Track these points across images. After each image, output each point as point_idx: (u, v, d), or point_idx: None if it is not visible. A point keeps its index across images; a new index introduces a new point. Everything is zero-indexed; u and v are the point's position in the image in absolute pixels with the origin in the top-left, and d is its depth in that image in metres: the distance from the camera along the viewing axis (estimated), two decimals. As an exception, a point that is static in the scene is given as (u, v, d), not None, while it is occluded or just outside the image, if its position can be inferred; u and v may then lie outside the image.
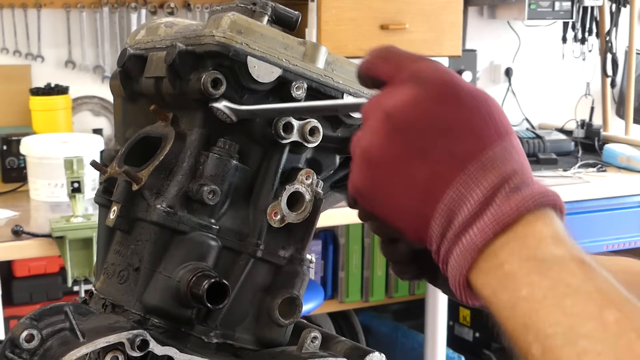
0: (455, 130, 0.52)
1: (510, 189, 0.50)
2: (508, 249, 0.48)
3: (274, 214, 0.69)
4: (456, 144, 0.51)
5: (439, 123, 0.52)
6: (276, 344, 0.72)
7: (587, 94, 3.75)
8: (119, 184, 0.71)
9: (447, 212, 0.51)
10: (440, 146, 0.52)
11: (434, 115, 0.52)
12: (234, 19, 0.68)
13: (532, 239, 0.48)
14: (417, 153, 0.52)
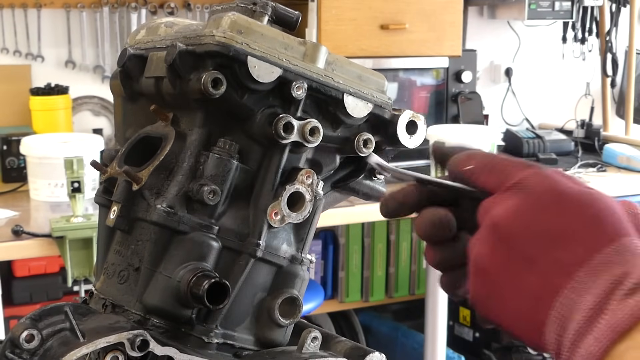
0: (559, 238, 0.52)
1: (624, 293, 0.48)
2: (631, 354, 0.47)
3: (274, 214, 0.69)
4: (562, 252, 0.51)
5: (542, 232, 0.53)
6: (276, 344, 0.72)
7: (587, 94, 3.75)
8: (119, 184, 0.71)
9: (560, 320, 0.51)
10: (546, 255, 0.52)
11: (537, 224, 0.53)
12: (234, 18, 0.68)
13: None
14: (523, 263, 0.53)
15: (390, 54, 2.90)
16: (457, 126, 3.05)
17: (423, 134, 0.76)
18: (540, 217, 0.53)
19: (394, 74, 3.04)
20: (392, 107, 0.76)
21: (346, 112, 0.72)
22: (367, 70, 0.75)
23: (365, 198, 0.79)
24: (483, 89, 3.47)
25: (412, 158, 2.84)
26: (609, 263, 0.50)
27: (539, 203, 0.54)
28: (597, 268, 0.50)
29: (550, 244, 0.52)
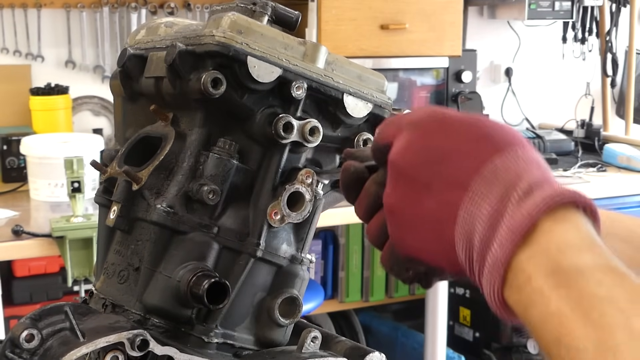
0: (448, 157, 0.53)
1: (519, 196, 0.49)
2: (533, 262, 0.47)
3: (274, 213, 0.69)
4: (452, 169, 0.52)
5: (432, 156, 0.53)
6: (276, 344, 0.72)
7: (587, 94, 3.75)
8: (119, 184, 0.71)
9: (465, 234, 0.51)
10: (439, 176, 0.53)
11: (426, 151, 0.54)
12: (234, 19, 0.68)
13: (555, 250, 0.47)
14: (422, 189, 0.53)
15: (390, 54, 2.90)
16: (457, 126, 3.04)
17: (423, 134, 0.76)
18: (428, 143, 0.54)
19: (394, 74, 3.04)
20: (392, 107, 0.76)
21: (346, 112, 0.72)
22: (367, 70, 0.75)
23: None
24: (483, 89, 3.46)
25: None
26: (500, 170, 0.50)
27: (425, 132, 0.54)
28: (489, 177, 0.50)
29: (440, 165, 0.53)
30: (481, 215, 0.50)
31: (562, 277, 0.46)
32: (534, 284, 0.47)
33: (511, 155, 0.51)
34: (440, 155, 0.53)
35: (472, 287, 3.08)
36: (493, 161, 0.51)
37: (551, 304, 0.45)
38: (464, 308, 3.15)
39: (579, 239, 0.47)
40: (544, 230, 0.48)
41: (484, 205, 0.50)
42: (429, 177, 0.53)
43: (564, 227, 0.48)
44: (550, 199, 0.48)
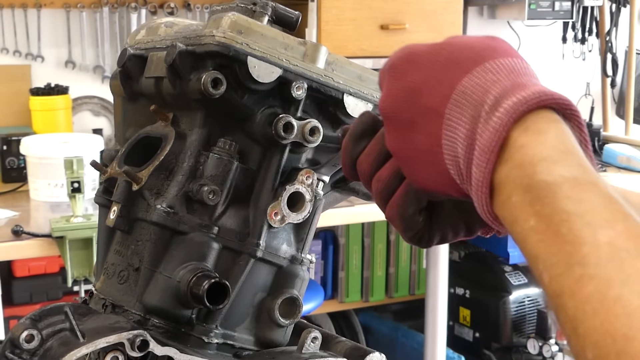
0: (421, 90, 0.54)
1: (486, 112, 0.49)
2: (511, 179, 0.48)
3: (274, 214, 0.69)
4: (428, 100, 0.53)
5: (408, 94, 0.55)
6: (276, 344, 0.72)
7: (587, 94, 3.75)
8: (119, 184, 0.71)
9: (452, 160, 0.52)
10: (418, 110, 0.54)
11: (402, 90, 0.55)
12: (234, 19, 0.68)
13: (528, 164, 0.47)
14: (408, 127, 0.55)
15: (390, 54, 2.90)
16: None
17: (423, 134, 0.76)
18: (402, 83, 0.55)
19: (394, 74, 3.04)
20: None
21: (346, 112, 0.72)
22: (367, 70, 0.75)
23: (365, 198, 0.79)
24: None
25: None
26: (468, 90, 0.51)
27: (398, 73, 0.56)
28: (459, 100, 0.51)
29: (416, 99, 0.54)
30: (459, 139, 0.51)
31: (535, 193, 0.46)
32: (513, 200, 0.47)
33: (479, 72, 0.51)
34: (414, 91, 0.54)
35: (472, 288, 3.08)
36: (461, 83, 0.51)
37: (530, 219, 0.46)
38: (463, 308, 3.15)
39: (551, 150, 0.47)
40: (517, 144, 0.48)
41: (460, 129, 0.51)
42: (410, 114, 0.54)
43: (535, 138, 0.48)
44: (516, 108, 0.48)
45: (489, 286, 3.00)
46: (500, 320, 2.98)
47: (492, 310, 2.99)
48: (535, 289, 3.01)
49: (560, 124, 0.48)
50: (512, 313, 2.97)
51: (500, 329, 2.98)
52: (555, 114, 0.49)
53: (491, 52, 0.53)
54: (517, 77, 0.51)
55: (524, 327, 2.99)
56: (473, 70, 0.52)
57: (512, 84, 0.50)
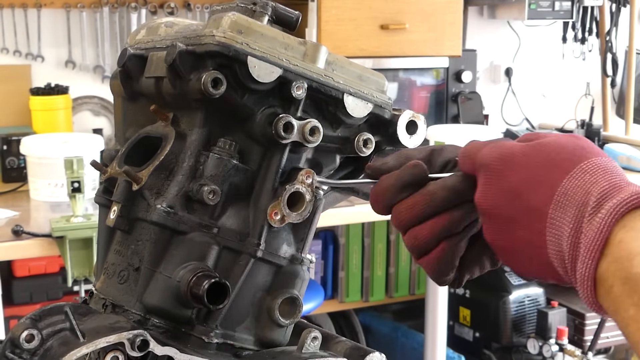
0: (522, 192, 0.58)
1: (589, 212, 0.54)
2: (611, 273, 0.52)
3: (274, 214, 0.69)
4: (530, 201, 0.58)
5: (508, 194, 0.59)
6: (276, 344, 0.72)
7: (587, 94, 3.75)
8: (119, 184, 0.71)
9: (557, 255, 0.57)
10: (520, 210, 0.58)
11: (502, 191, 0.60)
12: (234, 19, 0.67)
13: (626, 259, 0.52)
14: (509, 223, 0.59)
15: (390, 54, 2.90)
16: (457, 126, 3.05)
17: (423, 134, 0.76)
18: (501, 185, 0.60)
19: (394, 74, 3.04)
20: (392, 107, 0.76)
21: (346, 112, 0.72)
22: (367, 70, 0.75)
23: (365, 198, 0.79)
24: (483, 89, 3.46)
25: (412, 158, 2.84)
26: (570, 192, 0.56)
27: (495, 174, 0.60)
28: (562, 201, 0.56)
29: (517, 200, 0.58)
30: (564, 237, 0.55)
31: (632, 284, 0.51)
32: (615, 291, 0.52)
33: (577, 174, 0.56)
34: (515, 191, 0.59)
35: (472, 287, 3.08)
36: (562, 185, 0.56)
37: (629, 309, 0.51)
38: (463, 308, 3.15)
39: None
40: (616, 240, 0.53)
41: (564, 228, 0.55)
42: (511, 212, 0.59)
43: (632, 235, 0.52)
44: (617, 210, 0.53)
45: (489, 286, 3.00)
46: (500, 320, 2.98)
47: (492, 310, 2.99)
48: (535, 288, 3.01)
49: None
50: (512, 313, 2.97)
51: (500, 328, 2.98)
52: None
53: (584, 153, 0.58)
54: (611, 177, 0.56)
55: (524, 327, 2.99)
56: (571, 171, 0.57)
57: (609, 184, 0.55)
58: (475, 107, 3.24)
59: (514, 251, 0.60)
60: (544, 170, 0.58)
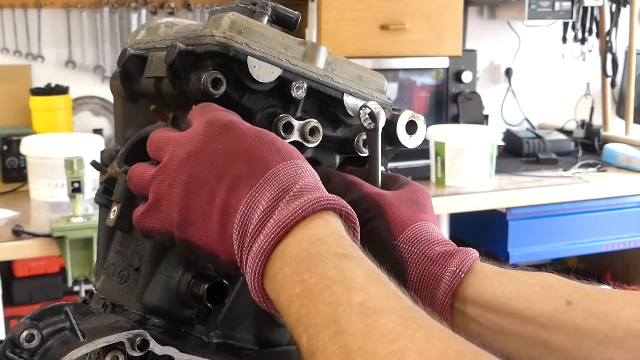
0: (242, 156, 0.59)
1: (290, 197, 0.56)
2: (287, 252, 0.53)
3: (274, 213, 0.69)
4: (244, 167, 0.59)
5: (227, 153, 0.60)
6: (276, 344, 0.72)
7: (587, 94, 3.75)
8: (119, 184, 0.71)
9: (242, 226, 0.57)
10: (231, 171, 0.59)
11: (222, 146, 0.60)
12: (234, 19, 0.68)
13: (306, 240, 0.53)
14: (214, 178, 0.59)
15: (390, 54, 2.90)
16: (457, 126, 3.05)
17: (423, 134, 0.76)
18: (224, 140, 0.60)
19: (394, 74, 3.04)
20: (392, 107, 0.76)
21: (346, 112, 0.72)
22: (367, 70, 0.75)
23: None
24: (483, 89, 3.47)
25: (412, 158, 2.84)
26: (280, 174, 0.57)
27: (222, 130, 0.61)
28: (271, 179, 0.57)
29: (234, 161, 0.59)
30: (257, 211, 0.56)
31: (307, 263, 0.52)
32: (285, 271, 0.53)
33: (292, 164, 0.59)
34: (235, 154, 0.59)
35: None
36: (276, 167, 0.58)
37: (297, 287, 0.51)
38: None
39: (328, 234, 0.54)
40: (301, 226, 0.54)
41: (262, 202, 0.56)
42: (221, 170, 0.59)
43: (318, 224, 0.54)
44: (316, 201, 0.55)
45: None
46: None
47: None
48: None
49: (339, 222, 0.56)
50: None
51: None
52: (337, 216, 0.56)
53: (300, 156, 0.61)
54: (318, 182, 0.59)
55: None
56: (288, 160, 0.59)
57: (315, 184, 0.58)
58: (475, 107, 3.24)
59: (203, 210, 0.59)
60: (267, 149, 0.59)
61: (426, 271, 0.65)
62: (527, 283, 0.62)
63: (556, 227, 2.83)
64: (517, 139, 3.23)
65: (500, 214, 2.76)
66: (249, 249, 0.56)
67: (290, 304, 0.51)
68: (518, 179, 2.84)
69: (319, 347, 0.48)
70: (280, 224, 0.54)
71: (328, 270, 0.51)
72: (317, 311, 0.49)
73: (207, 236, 0.59)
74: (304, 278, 0.51)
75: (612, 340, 0.58)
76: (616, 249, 2.93)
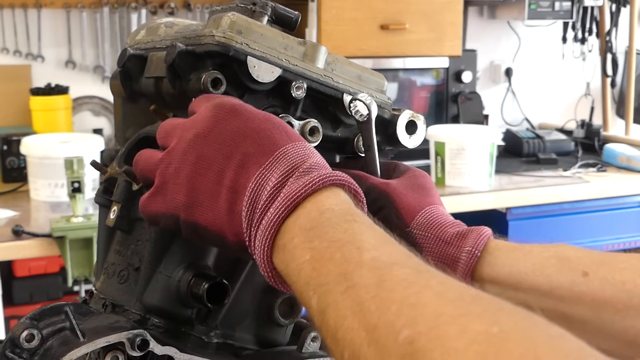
0: (251, 136, 0.60)
1: (299, 173, 0.56)
2: (297, 223, 0.54)
3: (274, 213, 0.69)
4: (253, 146, 0.59)
5: (236, 132, 0.60)
6: (276, 344, 0.72)
7: (587, 94, 3.75)
8: (119, 184, 0.71)
9: (251, 203, 0.57)
10: (240, 150, 0.59)
11: (231, 126, 0.60)
12: (234, 19, 0.68)
13: (316, 210, 0.54)
14: (222, 158, 0.59)
15: (390, 54, 2.90)
16: (457, 126, 3.05)
17: (423, 134, 0.76)
18: (233, 121, 0.61)
19: (394, 74, 3.04)
20: (392, 107, 0.76)
21: (346, 112, 0.72)
22: (367, 70, 0.75)
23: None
24: (483, 89, 3.46)
25: (412, 158, 2.84)
26: (290, 153, 0.58)
27: (230, 112, 0.61)
28: (280, 157, 0.58)
29: (243, 140, 0.60)
30: (267, 187, 0.57)
31: (317, 231, 0.52)
32: (295, 241, 0.53)
33: (300, 145, 0.60)
34: (243, 134, 0.60)
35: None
36: (285, 146, 0.59)
37: (307, 254, 0.52)
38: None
39: (336, 204, 0.55)
40: (312, 199, 0.55)
41: (272, 179, 0.57)
42: (230, 150, 0.60)
43: (328, 195, 0.55)
44: (325, 177, 0.56)
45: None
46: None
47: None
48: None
49: (347, 196, 0.57)
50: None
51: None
52: (346, 190, 0.57)
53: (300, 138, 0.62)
54: (324, 161, 0.60)
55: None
56: (295, 141, 0.60)
57: (322, 163, 0.59)
58: (475, 107, 3.24)
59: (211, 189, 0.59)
60: (276, 130, 0.60)
61: (442, 254, 0.66)
62: (543, 256, 0.63)
63: (556, 227, 2.83)
64: (517, 139, 3.23)
65: (500, 214, 2.76)
66: (258, 224, 0.56)
67: (299, 270, 0.52)
68: (518, 179, 2.84)
69: (330, 304, 0.48)
70: (290, 197, 0.55)
71: (338, 234, 0.52)
72: (328, 271, 0.49)
73: (214, 216, 0.59)
74: (314, 245, 0.52)
75: (631, 309, 0.59)
76: (616, 249, 2.93)
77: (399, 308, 0.44)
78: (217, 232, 0.59)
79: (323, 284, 0.49)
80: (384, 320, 0.44)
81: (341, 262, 0.49)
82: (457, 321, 0.41)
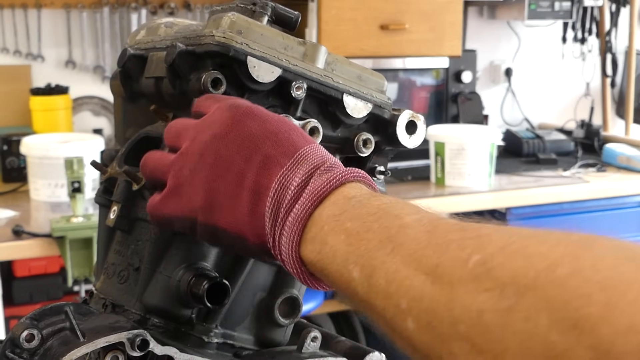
0: (270, 138, 0.60)
1: (321, 171, 0.58)
2: (325, 213, 0.55)
3: (274, 213, 0.69)
4: (274, 148, 0.59)
5: (254, 134, 0.60)
6: (276, 344, 0.72)
7: (587, 94, 3.75)
8: (119, 184, 0.71)
9: (275, 203, 0.57)
10: (260, 152, 0.59)
11: (248, 128, 0.61)
12: (234, 19, 0.68)
13: (343, 199, 0.55)
14: (242, 160, 0.59)
15: (390, 54, 2.90)
16: (457, 126, 3.05)
17: (423, 134, 0.76)
18: (250, 123, 0.61)
19: (394, 74, 3.04)
20: (392, 107, 0.76)
21: (346, 112, 0.72)
22: (367, 70, 0.75)
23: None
24: (483, 89, 3.47)
25: (412, 158, 2.84)
26: (309, 154, 0.59)
27: (246, 113, 0.62)
28: (300, 159, 0.59)
29: (262, 142, 0.60)
30: (291, 187, 0.57)
31: (348, 214, 0.53)
32: (326, 228, 0.54)
33: (317, 147, 0.61)
34: (262, 136, 0.60)
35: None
36: (303, 148, 0.59)
37: (340, 235, 0.52)
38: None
39: (361, 193, 0.56)
40: (336, 192, 0.56)
41: (295, 179, 0.57)
42: (250, 152, 0.60)
43: (352, 186, 0.57)
44: (347, 173, 0.57)
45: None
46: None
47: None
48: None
49: (367, 188, 0.58)
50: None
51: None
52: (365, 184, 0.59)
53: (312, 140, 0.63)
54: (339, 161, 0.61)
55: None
56: (311, 143, 0.61)
57: (339, 162, 0.60)
58: (475, 107, 3.24)
59: (231, 192, 0.59)
60: (293, 132, 0.61)
61: None
62: None
63: (556, 227, 2.83)
64: (517, 139, 3.23)
65: (500, 214, 2.76)
66: (284, 222, 0.56)
67: (335, 252, 0.52)
68: (518, 179, 2.84)
69: (376, 266, 0.48)
70: (316, 192, 0.56)
71: (372, 210, 0.52)
72: (368, 241, 0.50)
73: (235, 219, 0.59)
74: (347, 226, 0.52)
75: None
76: (616, 249, 2.92)
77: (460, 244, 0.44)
78: (238, 234, 0.59)
79: (363, 254, 0.50)
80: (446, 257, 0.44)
81: (381, 230, 0.50)
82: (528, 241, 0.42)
